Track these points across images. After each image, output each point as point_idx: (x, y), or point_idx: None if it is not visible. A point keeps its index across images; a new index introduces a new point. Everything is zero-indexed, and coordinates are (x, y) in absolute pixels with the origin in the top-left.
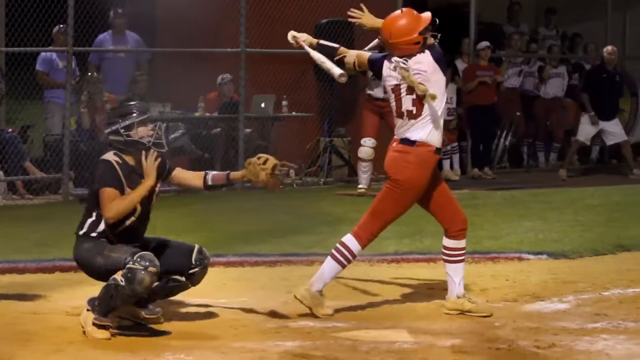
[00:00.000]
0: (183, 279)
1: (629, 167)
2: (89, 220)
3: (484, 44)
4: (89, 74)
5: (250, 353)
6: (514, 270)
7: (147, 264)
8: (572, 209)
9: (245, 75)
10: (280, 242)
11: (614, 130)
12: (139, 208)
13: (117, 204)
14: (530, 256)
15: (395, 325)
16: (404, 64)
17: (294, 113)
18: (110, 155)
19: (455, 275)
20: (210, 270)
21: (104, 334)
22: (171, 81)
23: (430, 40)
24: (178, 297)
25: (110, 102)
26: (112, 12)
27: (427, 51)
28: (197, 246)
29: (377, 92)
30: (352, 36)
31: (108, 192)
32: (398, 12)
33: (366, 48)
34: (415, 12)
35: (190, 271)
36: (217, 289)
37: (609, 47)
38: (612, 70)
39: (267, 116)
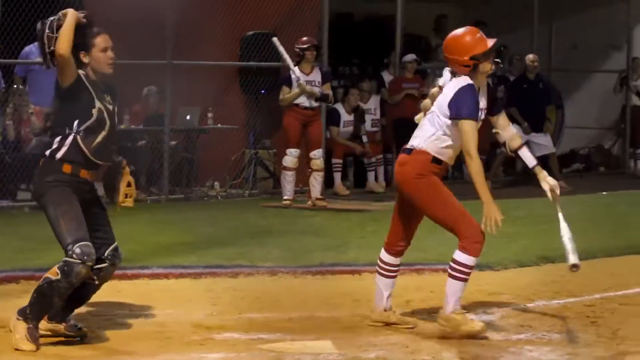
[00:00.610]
0: (96, 282)
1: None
2: (57, 140)
3: (410, 56)
4: (15, 86)
5: None
6: (439, 281)
7: (85, 257)
8: None
9: (171, 87)
10: (204, 254)
11: (541, 142)
12: (108, 121)
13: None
14: None
15: (320, 337)
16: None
17: (219, 125)
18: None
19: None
20: (134, 282)
21: (30, 346)
22: None
23: (486, 67)
24: (102, 308)
25: (35, 114)
26: (39, 23)
27: None
28: (115, 244)
29: (305, 102)
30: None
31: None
32: (465, 28)
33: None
34: (480, 34)
35: (97, 265)
36: (141, 300)
37: (531, 55)
38: (534, 79)
39: (193, 128)
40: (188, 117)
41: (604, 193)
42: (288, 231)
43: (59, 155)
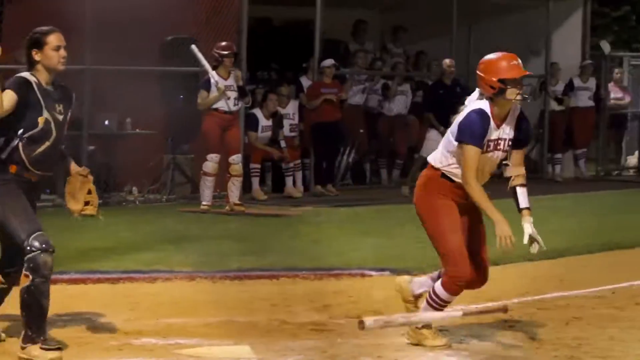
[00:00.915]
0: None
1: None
2: (1, 141)
3: (329, 61)
4: None
5: None
6: (357, 286)
7: (44, 246)
8: (414, 226)
9: (90, 92)
10: (122, 259)
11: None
12: (54, 133)
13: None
14: (373, 272)
15: (238, 342)
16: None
17: (137, 130)
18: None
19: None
20: (52, 287)
21: (55, 353)
22: None
23: (512, 95)
24: (19, 313)
25: None
26: None
27: None
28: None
29: (225, 105)
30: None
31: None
32: (504, 53)
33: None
34: (516, 61)
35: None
36: (59, 306)
37: (447, 60)
38: (450, 84)
39: (111, 133)
40: (106, 123)
41: None
42: (206, 236)
43: (3, 156)
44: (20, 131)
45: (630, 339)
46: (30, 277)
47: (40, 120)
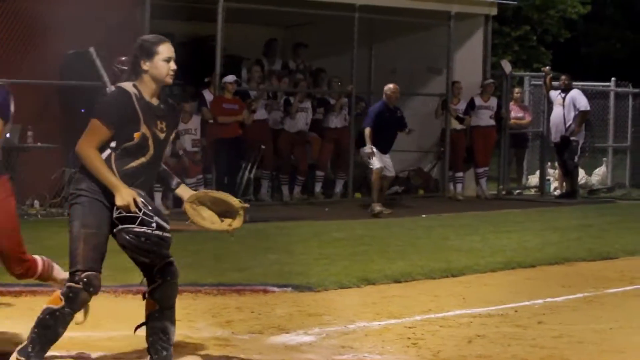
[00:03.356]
0: None
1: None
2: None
3: (231, 77)
4: None
5: None
6: (259, 302)
7: (90, 289)
8: (317, 242)
9: None
10: None
11: (389, 163)
12: (151, 150)
13: (94, 154)
14: (275, 288)
15: (141, 356)
16: None
17: (39, 144)
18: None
19: None
20: None
21: None
22: None
23: None
24: None
25: None
26: None
27: None
28: (171, 258)
29: None
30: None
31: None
32: None
33: None
34: None
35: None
36: None
37: (391, 86)
38: (393, 108)
39: (13, 146)
40: (8, 135)
41: (424, 216)
42: (108, 250)
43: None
44: (114, 143)
45: (532, 357)
46: (63, 303)
47: (136, 135)
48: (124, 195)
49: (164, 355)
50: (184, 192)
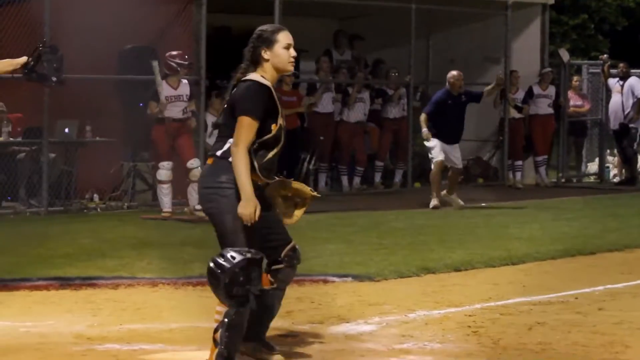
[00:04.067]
0: (274, 285)
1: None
2: (231, 141)
3: None
4: None
5: None
6: (319, 292)
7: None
8: (377, 232)
9: (49, 100)
10: (85, 265)
11: (455, 154)
12: (282, 140)
13: (245, 157)
14: (335, 278)
15: (201, 347)
16: None
17: (97, 138)
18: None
19: None
20: (15, 294)
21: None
22: None
23: None
24: None
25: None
26: None
27: None
28: (293, 243)
29: (174, 114)
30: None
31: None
32: None
33: None
34: None
35: (275, 266)
36: (22, 312)
37: (454, 73)
38: (457, 94)
39: (71, 141)
40: (66, 130)
41: (483, 204)
42: (168, 243)
43: (231, 157)
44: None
45: (593, 344)
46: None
47: (274, 127)
48: (250, 208)
49: (261, 330)
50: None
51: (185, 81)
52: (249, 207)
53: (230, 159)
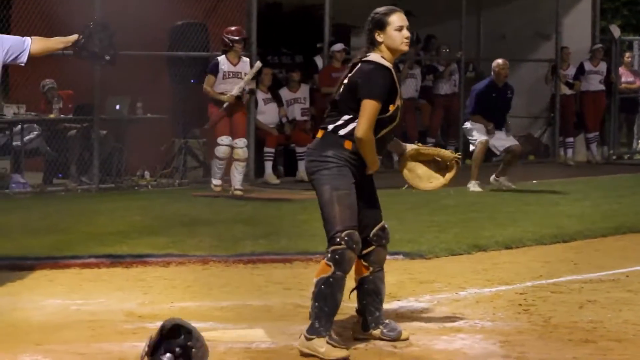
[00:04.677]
0: (370, 268)
1: (498, 172)
2: (345, 118)
3: (339, 45)
4: None
5: (108, 354)
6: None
7: (353, 245)
8: (428, 210)
9: (100, 76)
10: (136, 243)
11: (502, 136)
12: (397, 119)
13: (372, 140)
14: (387, 256)
15: (252, 325)
16: None
17: (148, 115)
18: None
19: None
20: (66, 271)
21: (342, 351)
22: (26, 83)
23: None
24: (33, 297)
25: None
26: None
27: None
28: (382, 223)
29: (231, 92)
30: (207, 37)
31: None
32: None
33: None
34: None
35: (365, 250)
36: (73, 290)
37: (500, 61)
38: (502, 86)
39: (122, 118)
40: (117, 107)
41: (535, 181)
42: (219, 220)
43: (342, 132)
44: None
45: None
46: (333, 268)
47: (392, 107)
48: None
49: (377, 315)
50: (396, 147)
51: (246, 59)
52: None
53: (340, 133)
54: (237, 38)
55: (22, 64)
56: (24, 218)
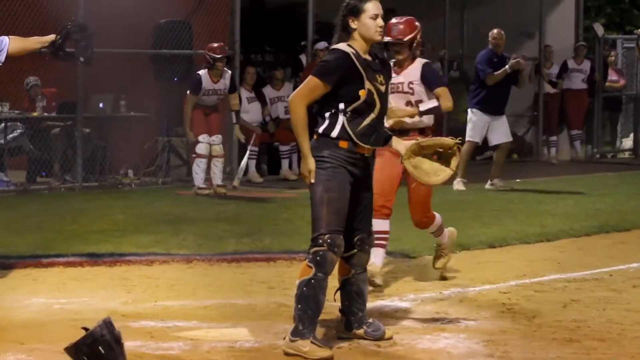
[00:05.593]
0: (352, 271)
1: (491, 175)
2: (326, 115)
3: (322, 44)
4: None
5: None
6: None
7: (335, 249)
8: None
9: (84, 75)
10: (119, 242)
11: (502, 127)
12: (377, 104)
13: (303, 112)
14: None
15: (236, 324)
16: None
17: (132, 113)
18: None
19: None
20: (49, 270)
21: (326, 351)
22: (8, 80)
23: None
24: (16, 296)
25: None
26: None
27: None
28: (370, 228)
29: (209, 103)
30: (191, 36)
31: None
32: None
33: None
34: None
35: (346, 253)
36: (56, 288)
37: (495, 31)
38: (501, 55)
39: (106, 116)
40: (101, 105)
41: (518, 180)
42: (202, 219)
43: (333, 134)
44: (342, 105)
45: (628, 321)
46: (314, 270)
47: (362, 92)
48: (307, 166)
49: (360, 316)
50: (397, 144)
51: (228, 74)
52: (304, 165)
53: (332, 135)
54: (219, 56)
55: (0, 63)
56: (7, 217)
